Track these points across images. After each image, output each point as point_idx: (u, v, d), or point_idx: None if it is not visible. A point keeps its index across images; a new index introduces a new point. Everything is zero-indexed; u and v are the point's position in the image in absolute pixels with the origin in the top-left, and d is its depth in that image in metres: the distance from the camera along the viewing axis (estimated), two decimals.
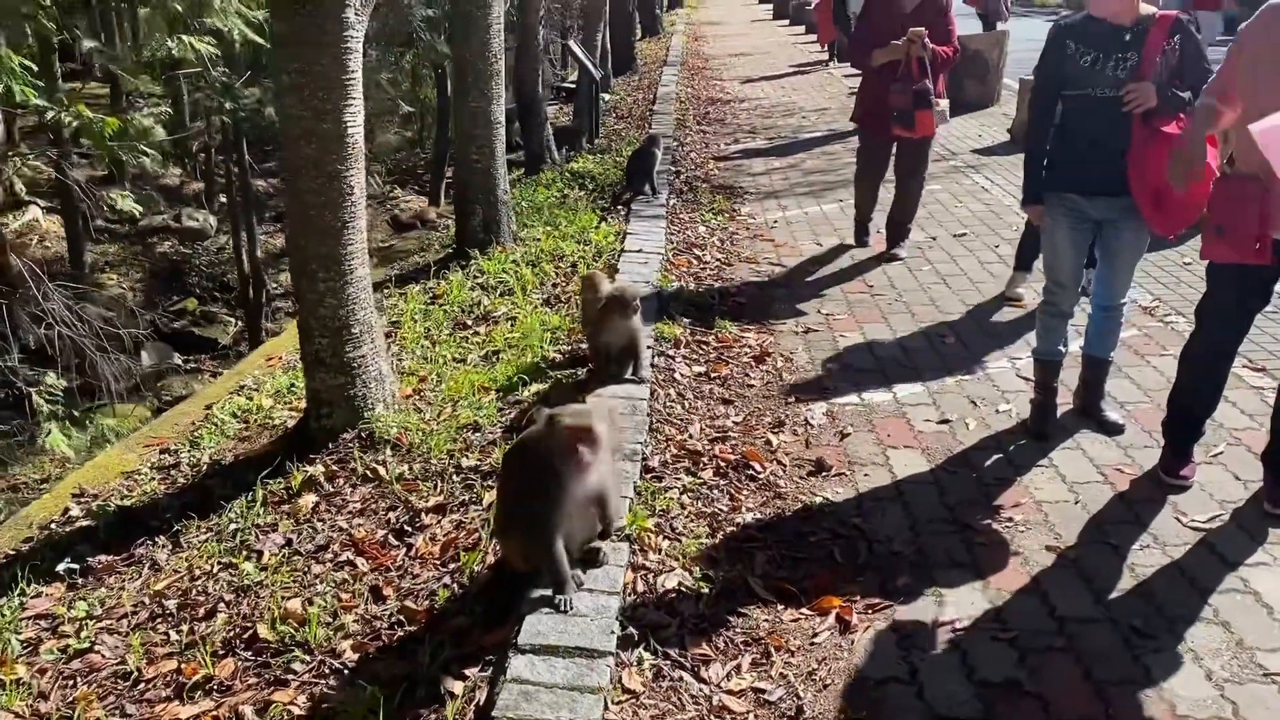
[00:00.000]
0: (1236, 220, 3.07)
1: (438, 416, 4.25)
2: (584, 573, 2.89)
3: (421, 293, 6.19)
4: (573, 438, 2.72)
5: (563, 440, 2.73)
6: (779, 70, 16.79)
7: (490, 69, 6.55)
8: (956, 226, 7.09)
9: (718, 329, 5.22)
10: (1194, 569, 3.08)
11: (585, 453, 2.74)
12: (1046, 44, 3.84)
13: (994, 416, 4.18)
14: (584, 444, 2.72)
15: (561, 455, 2.73)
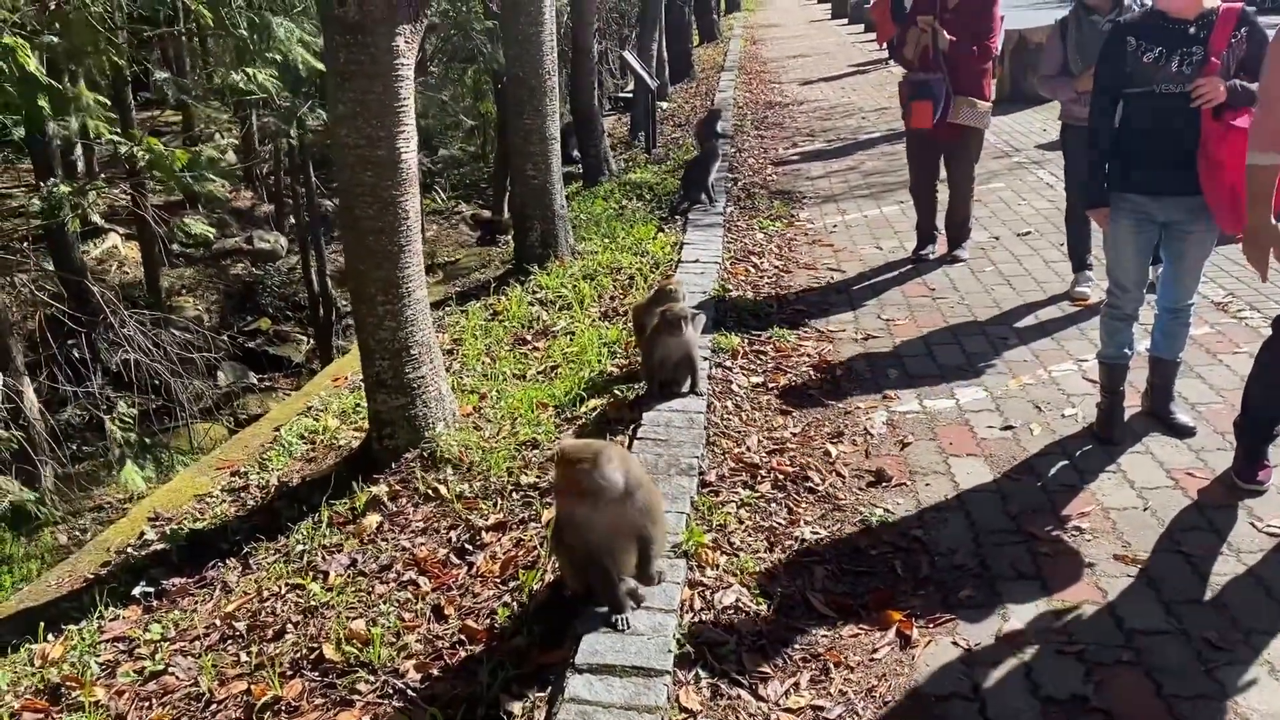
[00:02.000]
0: None
1: (497, 434, 4.30)
2: (641, 590, 2.89)
3: (482, 309, 6.27)
4: (570, 480, 2.71)
5: (563, 483, 2.73)
6: (838, 71, 16.69)
7: (544, 85, 6.62)
8: (1020, 225, 6.96)
9: (776, 338, 5.19)
10: (1271, 577, 2.98)
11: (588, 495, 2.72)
12: (1106, 42, 3.76)
13: (1059, 421, 4.09)
14: (584, 487, 2.70)
15: (565, 495, 2.73)
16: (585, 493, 2.71)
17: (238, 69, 7.89)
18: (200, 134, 15.76)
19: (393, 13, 3.75)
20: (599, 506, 2.73)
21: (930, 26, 5.69)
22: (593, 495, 2.71)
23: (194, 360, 8.74)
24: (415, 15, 3.84)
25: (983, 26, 5.73)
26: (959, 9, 5.74)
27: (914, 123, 5.90)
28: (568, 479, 2.72)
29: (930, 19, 5.73)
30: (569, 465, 2.72)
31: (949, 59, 5.74)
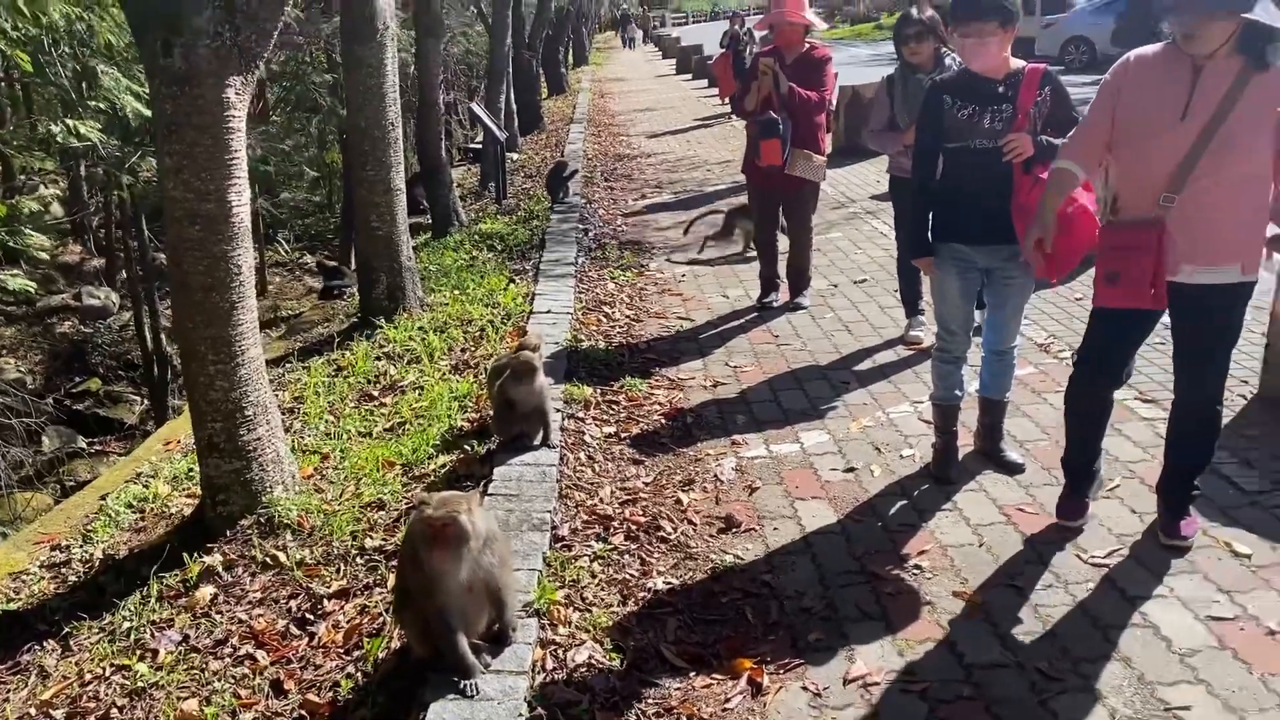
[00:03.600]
0: (1130, 268, 3.11)
1: (340, 496, 4.15)
2: (490, 655, 2.82)
3: (325, 365, 6.08)
4: (434, 529, 2.65)
5: (424, 530, 2.66)
6: (683, 124, 17.10)
7: (387, 137, 6.53)
8: (857, 273, 7.23)
9: (628, 387, 5.21)
10: (1096, 606, 3.14)
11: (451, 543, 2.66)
12: (924, 100, 3.96)
13: (898, 462, 4.24)
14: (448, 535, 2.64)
15: (427, 546, 2.66)
16: (444, 546, 2.64)
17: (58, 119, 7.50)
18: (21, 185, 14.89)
19: (222, 64, 3.63)
20: (456, 561, 2.67)
21: (771, 69, 5.88)
22: (452, 549, 2.65)
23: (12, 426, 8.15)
24: (246, 67, 3.73)
25: (817, 82, 5.96)
26: (795, 66, 5.96)
27: (764, 160, 6.00)
28: (427, 531, 2.65)
29: (770, 60, 5.93)
30: (429, 516, 2.65)
31: (788, 109, 5.93)
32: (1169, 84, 3.08)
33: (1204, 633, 2.96)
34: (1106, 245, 3.23)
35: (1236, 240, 3.09)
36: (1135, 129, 3.16)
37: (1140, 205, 3.16)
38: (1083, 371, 3.50)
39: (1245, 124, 2.97)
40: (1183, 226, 3.07)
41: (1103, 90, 3.26)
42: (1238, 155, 3.01)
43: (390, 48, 6.51)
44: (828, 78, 6.04)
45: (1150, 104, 3.12)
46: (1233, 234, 3.08)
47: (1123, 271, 3.14)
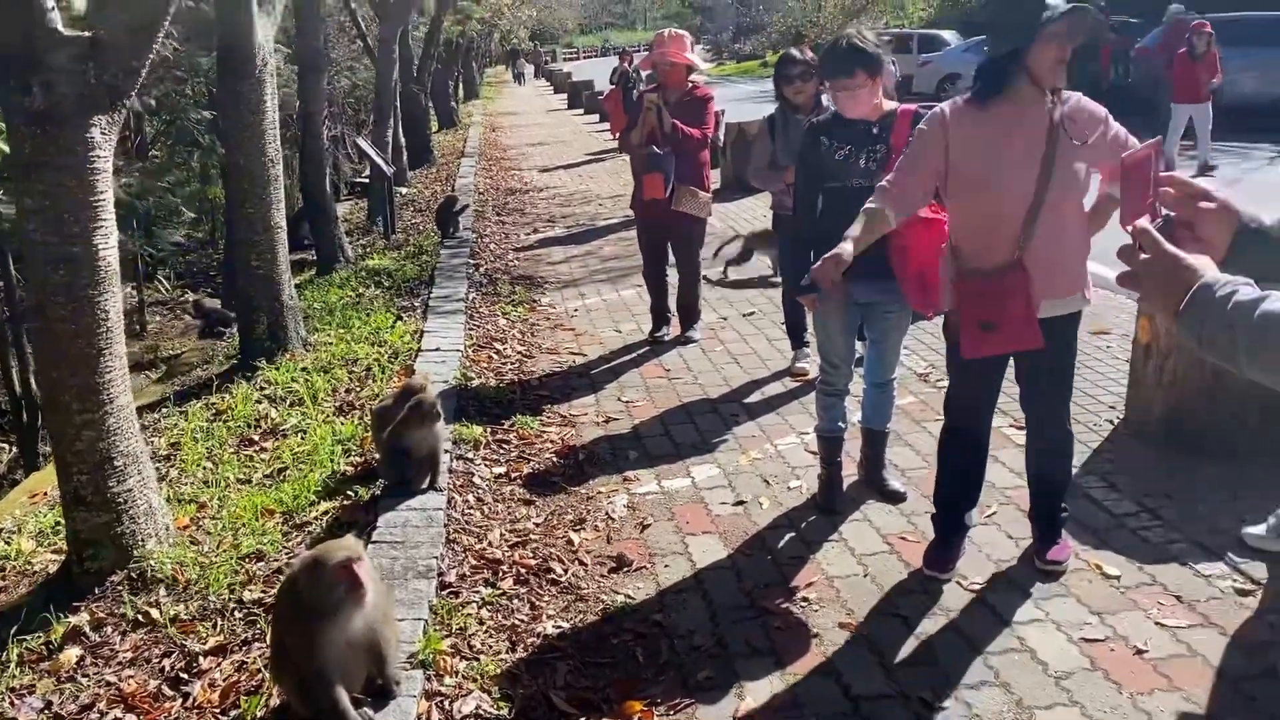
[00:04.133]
0: (1007, 313, 3.17)
1: (217, 547, 3.99)
2: (373, 710, 2.74)
3: (204, 409, 5.87)
4: (348, 568, 2.60)
5: (337, 576, 2.59)
6: (575, 159, 17.18)
7: (267, 174, 6.39)
8: (746, 306, 7.35)
9: (519, 425, 5.17)
10: (975, 632, 3.22)
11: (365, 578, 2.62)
12: (803, 141, 4.06)
13: (786, 494, 4.29)
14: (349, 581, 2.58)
15: (335, 591, 2.59)
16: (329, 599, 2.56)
17: None
18: None
19: (86, 102, 3.50)
20: (340, 615, 2.59)
21: (655, 104, 5.96)
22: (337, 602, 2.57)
23: None
24: (112, 105, 3.60)
25: (699, 121, 6.06)
26: (678, 104, 6.05)
27: (647, 193, 6.07)
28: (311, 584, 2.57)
29: (655, 98, 6.01)
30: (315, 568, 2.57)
31: (672, 146, 6.01)
32: (1002, 131, 3.13)
33: (1077, 655, 3.07)
34: (974, 296, 3.23)
35: (1077, 270, 3.26)
36: (977, 181, 3.18)
37: (994, 253, 3.21)
38: (957, 426, 3.56)
39: (1071, 158, 3.12)
40: (1037, 265, 3.16)
41: (921, 138, 3.28)
42: (1072, 189, 3.17)
43: (270, 83, 6.38)
44: (709, 116, 6.15)
45: (987, 153, 3.16)
46: (1074, 265, 3.24)
47: (999, 320, 3.18)
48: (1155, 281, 1.44)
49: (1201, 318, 1.36)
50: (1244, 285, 1.34)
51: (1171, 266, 1.42)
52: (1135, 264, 1.46)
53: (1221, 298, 1.34)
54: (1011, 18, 3.06)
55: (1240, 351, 1.31)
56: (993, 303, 3.20)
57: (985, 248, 3.24)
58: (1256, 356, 1.30)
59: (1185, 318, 1.38)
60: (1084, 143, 3.10)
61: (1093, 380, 5.32)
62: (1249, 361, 1.31)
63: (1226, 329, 1.32)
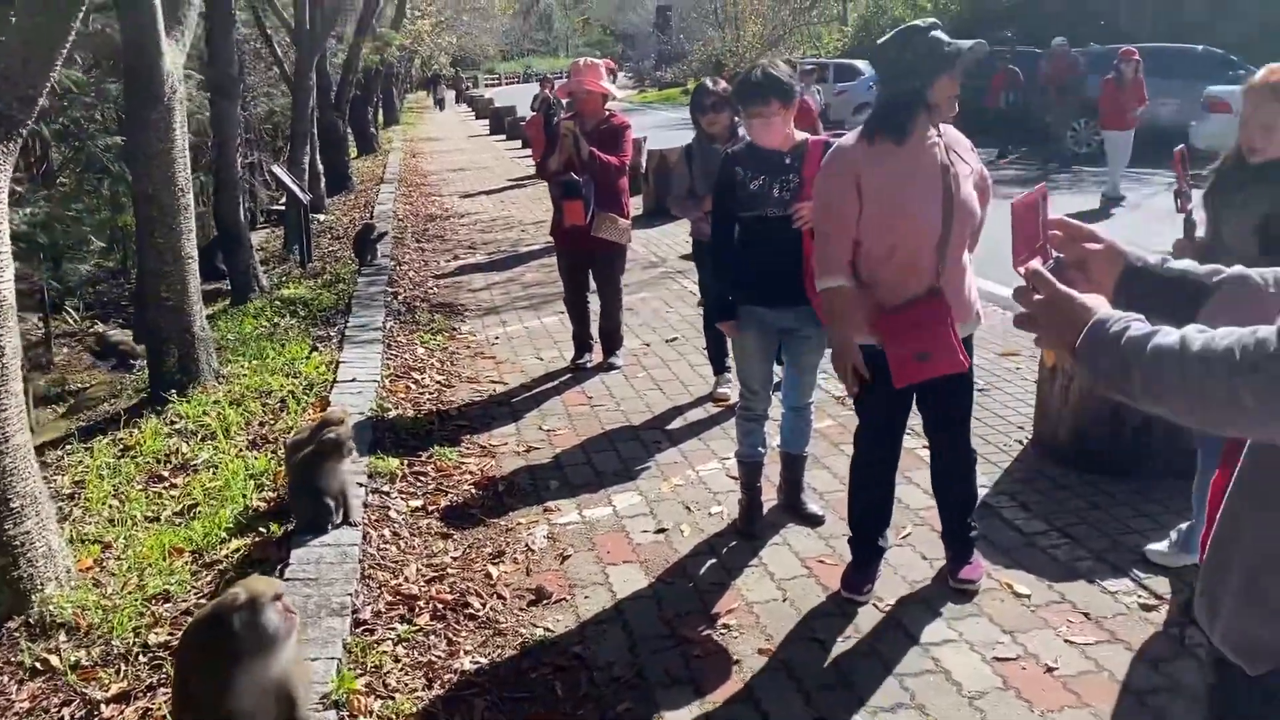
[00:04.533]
0: (939, 341, 3.22)
1: (122, 589, 3.86)
2: None
3: (110, 445, 5.68)
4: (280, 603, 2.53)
5: (271, 614, 2.52)
6: (497, 185, 17.13)
7: (177, 203, 6.23)
8: (669, 331, 7.38)
9: (437, 457, 5.11)
10: (891, 654, 3.25)
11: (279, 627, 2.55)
12: (719, 171, 4.11)
13: (707, 520, 4.30)
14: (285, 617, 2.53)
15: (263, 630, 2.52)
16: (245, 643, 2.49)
17: None
18: None
19: None
20: (254, 659, 2.52)
21: (572, 132, 5.98)
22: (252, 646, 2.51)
23: None
24: (7, 135, 3.49)
25: (616, 148, 6.10)
26: (595, 132, 6.08)
27: (567, 220, 6.08)
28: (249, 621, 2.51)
29: (571, 124, 6.03)
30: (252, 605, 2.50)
31: (590, 173, 6.03)
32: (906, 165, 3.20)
33: (990, 674, 3.12)
34: (904, 327, 3.26)
35: (972, 296, 3.40)
36: (891, 215, 3.23)
37: (910, 286, 3.28)
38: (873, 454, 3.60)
39: (963, 185, 3.25)
40: (950, 291, 3.28)
41: (832, 190, 3.32)
42: (970, 216, 3.31)
43: (179, 110, 6.25)
44: (626, 144, 6.19)
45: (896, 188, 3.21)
46: (972, 288, 3.38)
47: (932, 348, 3.23)
48: (1051, 321, 1.49)
49: (1097, 354, 1.40)
50: (1136, 321, 1.39)
51: (1065, 306, 1.47)
52: (1030, 305, 1.50)
53: (1115, 334, 1.39)
54: (915, 57, 3.14)
55: (1135, 385, 1.36)
56: (926, 332, 3.26)
57: (905, 281, 3.29)
58: (1150, 389, 1.34)
59: (1082, 355, 1.43)
60: (971, 169, 3.25)
61: (1002, 401, 5.45)
62: (1143, 395, 1.36)
63: (1121, 364, 1.37)
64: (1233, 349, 1.26)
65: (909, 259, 3.29)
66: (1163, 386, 1.33)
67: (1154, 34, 19.07)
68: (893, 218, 3.24)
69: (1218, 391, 1.27)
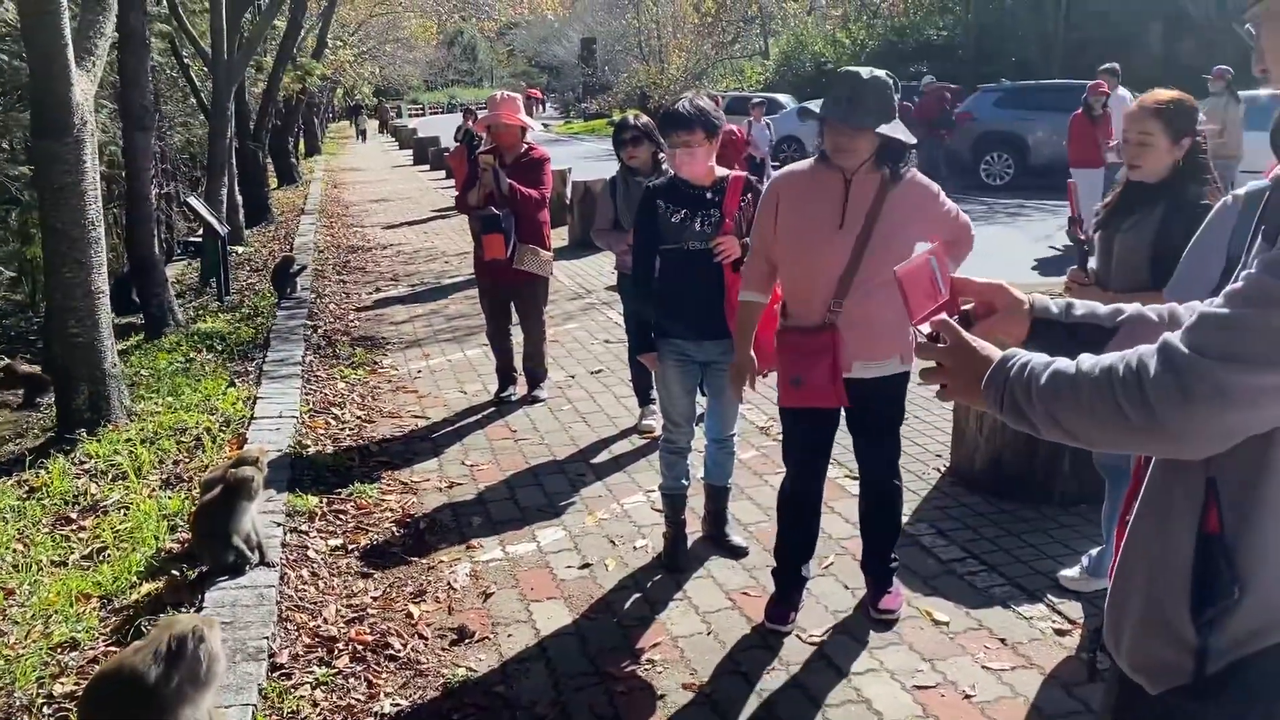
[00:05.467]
0: (812, 370, 3.33)
1: (25, 638, 3.70)
2: None
3: (15, 486, 5.46)
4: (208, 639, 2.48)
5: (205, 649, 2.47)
6: (421, 215, 17.02)
7: (86, 236, 6.06)
8: (594, 363, 7.38)
9: (357, 494, 5.02)
10: (814, 685, 3.28)
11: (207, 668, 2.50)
12: (640, 204, 4.14)
13: (632, 554, 4.30)
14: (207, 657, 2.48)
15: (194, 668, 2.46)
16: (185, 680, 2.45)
17: None
18: None
19: None
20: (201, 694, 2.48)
21: (490, 166, 5.98)
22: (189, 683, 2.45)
23: None
24: None
25: (536, 181, 6.12)
26: (515, 165, 6.10)
27: (488, 254, 6.07)
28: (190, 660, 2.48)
29: (490, 158, 6.03)
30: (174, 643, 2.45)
31: (510, 206, 6.03)
32: (824, 197, 3.34)
33: (910, 702, 3.16)
34: (786, 349, 3.43)
35: (896, 336, 3.40)
36: (797, 243, 3.40)
37: (810, 313, 3.39)
38: (793, 478, 3.67)
39: (890, 232, 3.29)
40: (850, 328, 3.33)
41: (761, 210, 3.50)
42: (889, 261, 3.28)
43: (89, 142, 6.09)
44: (546, 176, 6.22)
45: (808, 217, 3.37)
46: (892, 330, 3.37)
47: (805, 375, 3.35)
48: (957, 366, 1.56)
49: (1000, 389, 1.48)
50: (1038, 356, 1.46)
51: (969, 352, 1.55)
52: (936, 355, 1.57)
53: (1017, 368, 1.46)
54: None
55: (1037, 413, 1.43)
56: (802, 360, 3.37)
57: (803, 309, 3.41)
58: (1051, 414, 1.41)
59: (987, 392, 1.49)
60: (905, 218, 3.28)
61: (920, 430, 5.56)
62: (1045, 420, 1.42)
63: (1024, 393, 1.43)
64: (1115, 366, 1.35)
65: (807, 288, 3.41)
66: (1060, 409, 1.40)
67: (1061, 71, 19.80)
68: (793, 247, 3.40)
69: (1105, 408, 1.35)
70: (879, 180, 3.30)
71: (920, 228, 3.30)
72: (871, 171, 3.30)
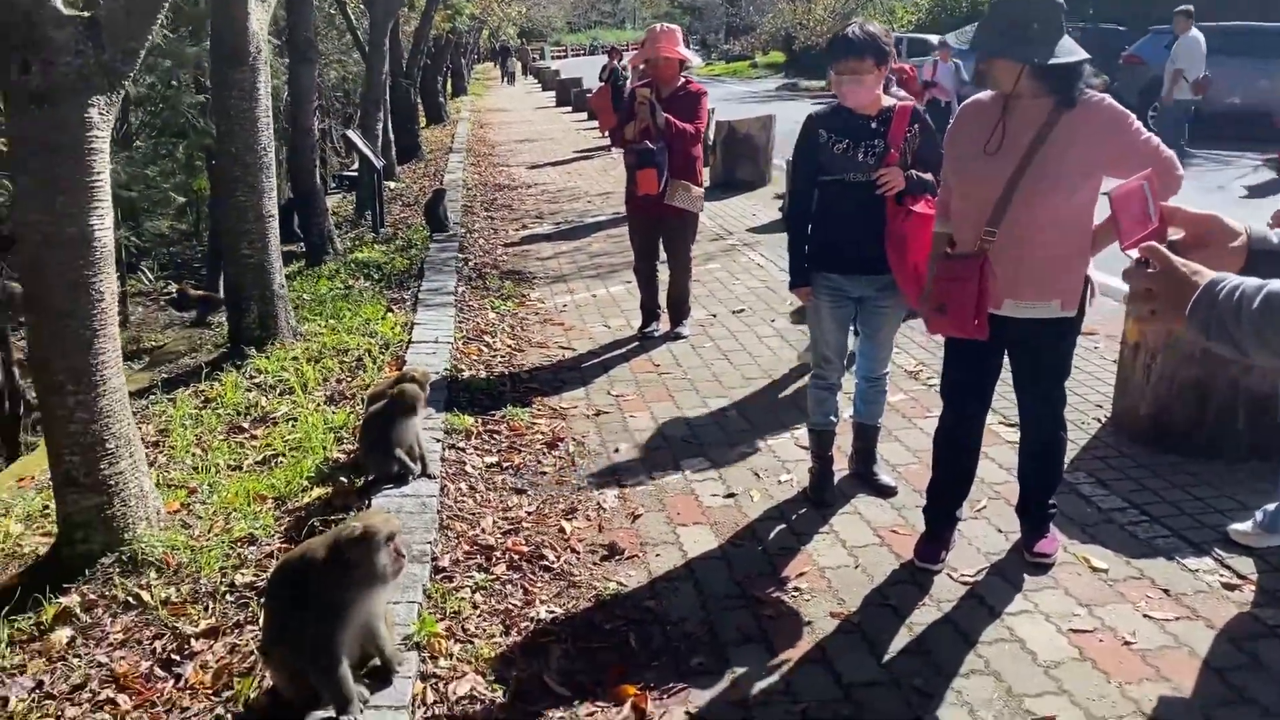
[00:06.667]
0: (956, 298, 3.24)
1: (208, 531, 3.99)
2: (369, 691, 2.75)
3: (192, 396, 5.85)
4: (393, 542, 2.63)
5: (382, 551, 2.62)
6: (563, 156, 17.17)
7: (259, 162, 6.37)
8: (735, 303, 7.37)
9: (509, 417, 5.18)
10: (965, 622, 3.25)
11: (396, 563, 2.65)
12: (801, 134, 4.07)
13: (776, 487, 4.32)
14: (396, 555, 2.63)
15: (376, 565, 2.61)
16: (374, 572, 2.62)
17: None
18: None
19: (85, 82, 3.49)
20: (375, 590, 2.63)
21: (648, 100, 5.98)
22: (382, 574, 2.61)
23: None
24: (111, 85, 3.59)
25: (691, 116, 6.09)
26: (670, 100, 6.08)
27: (641, 189, 6.08)
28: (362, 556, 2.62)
29: (647, 91, 6.02)
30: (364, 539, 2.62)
31: (665, 141, 6.02)
32: (985, 122, 3.25)
33: (1066, 645, 3.10)
34: (940, 277, 3.34)
35: (1053, 277, 3.22)
36: (955, 166, 3.36)
37: (967, 240, 3.30)
38: (947, 406, 3.61)
39: (1055, 161, 3.12)
40: (1002, 261, 3.20)
41: (944, 138, 3.48)
42: (1049, 192, 3.14)
43: (263, 72, 6.37)
44: (702, 112, 6.17)
45: (968, 141, 3.29)
46: (1049, 271, 3.21)
47: (948, 302, 3.27)
48: (1164, 291, 1.52)
49: (1208, 312, 1.44)
50: (1248, 280, 1.41)
51: (1178, 275, 1.50)
52: (1146, 280, 1.53)
53: (1227, 291, 1.42)
54: None
55: (1245, 336, 1.37)
56: (949, 287, 3.28)
57: (963, 236, 3.34)
58: (1263, 338, 1.36)
59: (1193, 315, 1.46)
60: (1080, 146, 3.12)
61: (1080, 379, 5.37)
62: (1256, 345, 1.38)
63: (1233, 317, 1.39)
64: None
65: (963, 215, 3.33)
66: (1271, 328, 1.35)
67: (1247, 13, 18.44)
68: (956, 171, 3.37)
69: None
70: (1047, 105, 3.16)
71: (1100, 156, 3.10)
72: (1038, 95, 3.17)
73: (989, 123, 3.22)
